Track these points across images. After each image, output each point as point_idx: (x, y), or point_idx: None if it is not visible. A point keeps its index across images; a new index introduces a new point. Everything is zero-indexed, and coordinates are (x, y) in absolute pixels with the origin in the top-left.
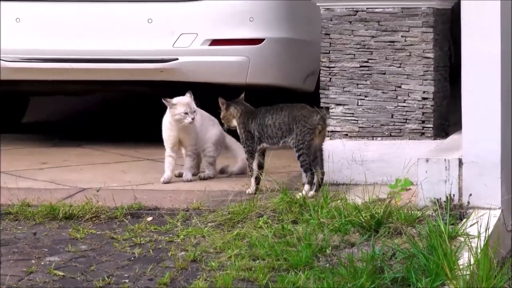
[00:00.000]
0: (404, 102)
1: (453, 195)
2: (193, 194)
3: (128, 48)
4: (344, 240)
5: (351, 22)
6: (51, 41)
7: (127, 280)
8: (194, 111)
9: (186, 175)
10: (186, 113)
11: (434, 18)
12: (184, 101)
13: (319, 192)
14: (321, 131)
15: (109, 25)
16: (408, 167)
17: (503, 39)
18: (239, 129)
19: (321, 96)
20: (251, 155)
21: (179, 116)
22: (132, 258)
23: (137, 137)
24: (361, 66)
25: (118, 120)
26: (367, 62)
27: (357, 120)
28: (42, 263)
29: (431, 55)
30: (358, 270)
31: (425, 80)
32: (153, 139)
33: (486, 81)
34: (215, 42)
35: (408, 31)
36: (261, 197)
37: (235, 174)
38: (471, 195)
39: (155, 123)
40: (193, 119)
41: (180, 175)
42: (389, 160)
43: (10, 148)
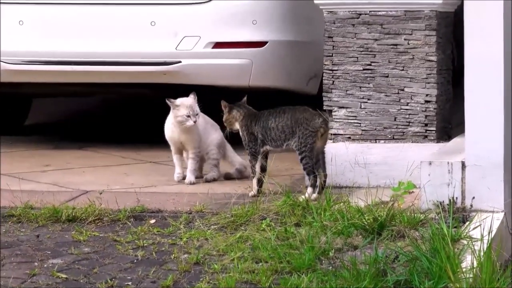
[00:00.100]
0: (407, 105)
1: (456, 198)
2: (196, 197)
3: (131, 51)
4: (347, 243)
5: (354, 25)
6: (54, 44)
7: (130, 283)
8: (196, 114)
9: (189, 177)
10: (188, 116)
11: (437, 21)
12: (187, 103)
13: (322, 195)
14: (323, 133)
15: (111, 28)
16: (411, 170)
17: (505, 39)
18: (241, 131)
19: (324, 99)
20: (254, 157)
21: (181, 118)
22: (135, 261)
23: (139, 139)
24: (364, 69)
25: (120, 123)
26: (370, 65)
27: (360, 123)
28: (45, 266)
29: (434, 58)
30: (361, 273)
31: (428, 83)
32: (155, 142)
33: (488, 83)
34: (218, 45)
35: (411, 34)
36: (264, 200)
37: (236, 178)
38: (474, 198)
39: (157, 126)
40: (195, 121)
41: (184, 177)
42: (392, 163)
43: (13, 150)
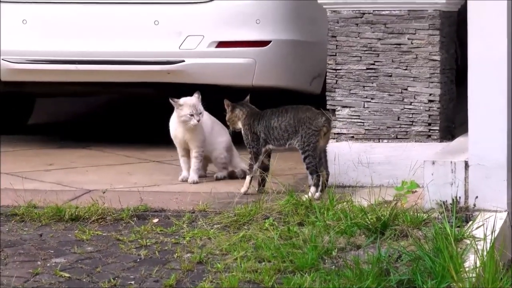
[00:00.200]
0: (411, 104)
1: (459, 197)
2: (199, 196)
3: (134, 50)
4: (350, 242)
5: (357, 24)
6: (58, 43)
7: (133, 282)
8: (200, 113)
9: (192, 177)
10: (192, 115)
11: (441, 20)
12: (191, 102)
13: (324, 193)
14: (326, 133)
15: (115, 27)
16: (414, 169)
17: (509, 39)
18: (244, 130)
19: (327, 98)
20: (256, 156)
21: (185, 117)
22: (138, 260)
23: (142, 138)
24: (367, 69)
25: (124, 122)
26: (373, 64)
27: (363, 123)
28: (48, 265)
29: (437, 57)
30: (364, 272)
31: (432, 82)
32: (158, 141)
33: (491, 83)
34: (222, 44)
35: (415, 33)
36: (267, 199)
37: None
38: (477, 197)
39: (160, 125)
40: (198, 120)
41: (187, 178)
42: (395, 163)
43: (16, 150)
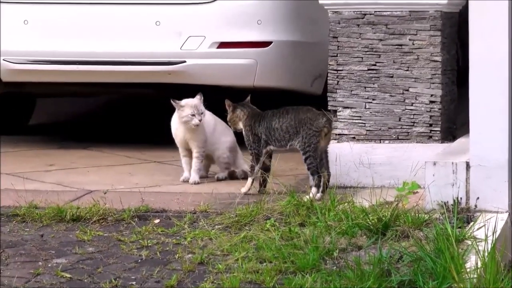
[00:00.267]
0: (412, 105)
1: (461, 198)
2: (200, 197)
3: (135, 51)
4: (351, 243)
5: (359, 25)
6: (59, 43)
7: (134, 282)
8: (201, 113)
9: (193, 177)
10: (193, 115)
11: (442, 21)
12: (192, 103)
13: (326, 194)
14: (327, 133)
15: (116, 27)
16: (415, 170)
17: (510, 39)
18: (245, 131)
19: (328, 99)
20: (257, 157)
21: (186, 118)
22: (139, 260)
23: (143, 139)
24: (368, 69)
25: (125, 122)
26: (374, 65)
27: (364, 123)
28: (49, 265)
29: (438, 58)
30: (365, 273)
31: (433, 83)
32: (159, 142)
33: (493, 84)
34: (223, 45)
35: (416, 34)
36: (268, 200)
37: (241, 178)
38: (478, 198)
39: (161, 125)
40: (200, 120)
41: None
42: (396, 163)
43: (17, 150)
